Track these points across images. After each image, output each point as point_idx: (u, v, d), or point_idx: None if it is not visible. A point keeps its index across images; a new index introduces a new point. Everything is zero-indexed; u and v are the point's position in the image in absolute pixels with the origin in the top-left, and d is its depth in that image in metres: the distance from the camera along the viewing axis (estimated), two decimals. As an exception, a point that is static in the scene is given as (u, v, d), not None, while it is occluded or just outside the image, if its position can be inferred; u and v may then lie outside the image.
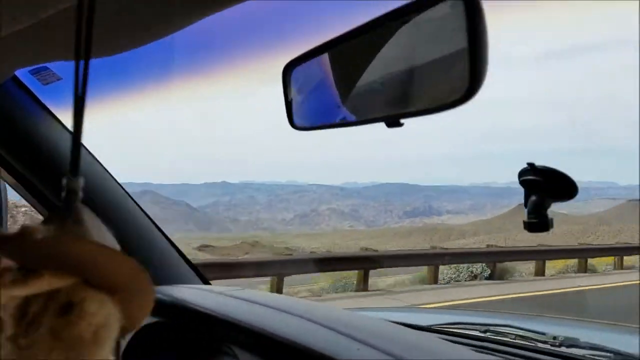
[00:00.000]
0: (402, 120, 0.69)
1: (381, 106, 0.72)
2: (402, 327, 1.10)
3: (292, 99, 0.89)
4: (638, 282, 10.83)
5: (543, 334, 1.35)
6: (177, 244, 1.62)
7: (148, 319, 1.18)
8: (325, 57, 0.80)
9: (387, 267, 10.69)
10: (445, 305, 8.62)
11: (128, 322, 0.36)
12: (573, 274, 13.22)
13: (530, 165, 1.02)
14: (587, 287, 11.15)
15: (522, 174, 1.04)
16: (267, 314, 1.11)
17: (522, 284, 12.04)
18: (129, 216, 1.47)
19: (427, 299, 9.23)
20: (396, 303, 9.24)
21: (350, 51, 0.75)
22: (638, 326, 2.71)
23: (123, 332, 0.36)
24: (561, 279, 12.16)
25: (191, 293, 1.34)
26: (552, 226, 1.02)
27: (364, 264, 9.88)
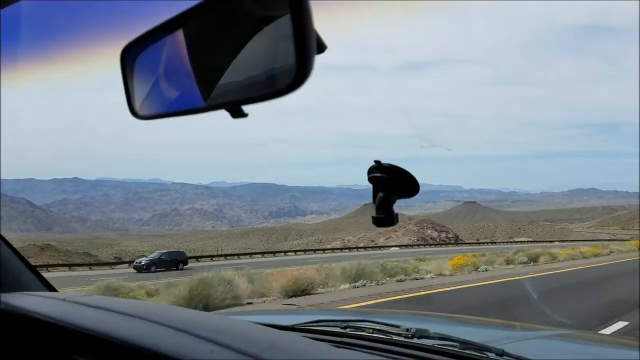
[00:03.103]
0: (246, 111, 0.68)
1: (219, 93, 0.71)
2: (264, 327, 1.11)
3: (132, 85, 0.85)
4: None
5: (397, 326, 1.46)
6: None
7: None
8: (165, 40, 0.77)
9: None
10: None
11: None
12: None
13: (377, 162, 1.06)
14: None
15: (370, 171, 1.07)
16: (116, 320, 1.06)
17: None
18: None
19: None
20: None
21: (187, 34, 0.74)
22: (485, 318, 3.26)
23: None
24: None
25: (34, 301, 1.24)
26: (397, 221, 1.06)
27: None
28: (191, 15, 0.72)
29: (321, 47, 0.66)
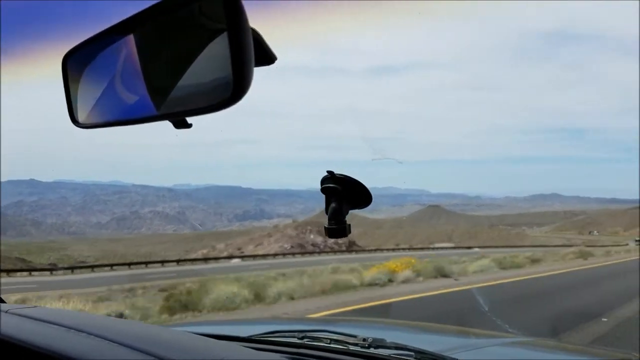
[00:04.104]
0: (189, 121, 0.69)
1: (160, 104, 0.70)
2: (209, 339, 1.09)
3: (74, 93, 0.83)
4: None
5: (355, 336, 1.46)
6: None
7: None
8: (107, 48, 0.76)
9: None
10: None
11: None
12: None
13: (330, 173, 1.07)
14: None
15: (322, 181, 1.08)
16: (58, 333, 1.03)
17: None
18: None
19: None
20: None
21: (130, 43, 0.73)
22: (442, 325, 3.29)
23: None
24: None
25: None
26: (349, 232, 1.07)
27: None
28: (135, 23, 0.71)
29: (270, 59, 0.66)
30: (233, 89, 0.61)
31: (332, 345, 1.42)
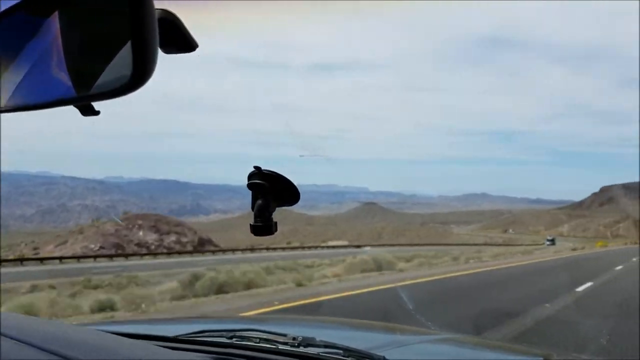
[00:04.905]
0: (97, 108, 0.66)
1: (61, 88, 0.66)
2: (124, 339, 1.05)
3: None
4: None
5: (285, 335, 1.44)
6: None
7: None
8: (8, 29, 0.71)
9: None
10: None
11: None
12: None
13: (257, 168, 1.04)
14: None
15: (249, 177, 1.05)
16: None
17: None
18: None
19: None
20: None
21: (31, 23, 0.69)
22: (372, 322, 3.23)
23: None
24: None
25: None
26: (276, 230, 1.04)
27: None
28: (37, 3, 0.67)
29: (190, 46, 0.65)
30: (134, 74, 0.58)
31: (261, 345, 1.41)
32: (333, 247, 58.99)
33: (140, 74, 0.59)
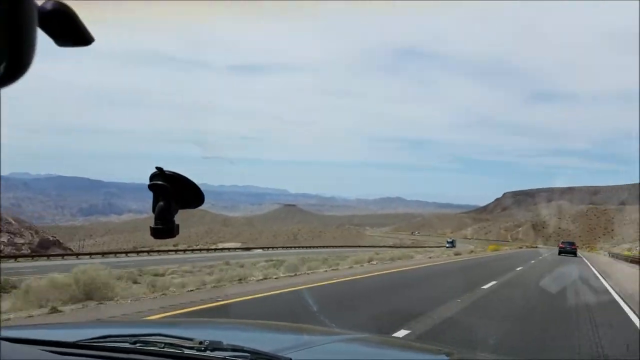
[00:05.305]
0: None
1: None
2: (5, 343, 0.99)
3: None
4: None
5: (191, 339, 1.41)
6: None
7: None
8: None
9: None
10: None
11: None
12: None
13: (159, 169, 1.01)
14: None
15: (151, 178, 1.02)
16: None
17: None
18: None
19: None
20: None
21: None
22: (281, 323, 3.19)
23: None
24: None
25: None
26: (177, 232, 1.01)
27: None
28: None
29: (85, 40, 0.64)
30: (9, 66, 0.55)
31: (166, 350, 1.37)
32: (222, 249, 53.36)
33: (16, 66, 0.55)
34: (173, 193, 1.00)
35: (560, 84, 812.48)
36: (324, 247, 69.41)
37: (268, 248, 57.63)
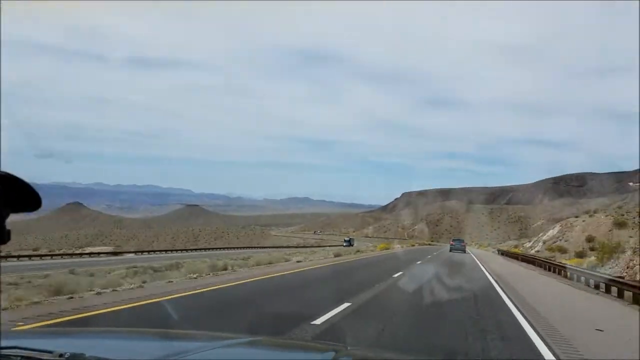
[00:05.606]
0: None
1: None
2: None
3: None
4: None
5: (50, 352, 1.31)
6: None
7: None
8: None
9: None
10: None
11: None
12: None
13: None
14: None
15: None
16: None
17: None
18: None
19: None
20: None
21: None
22: (161, 330, 3.09)
23: None
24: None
25: None
26: (9, 238, 0.95)
27: None
28: None
29: None
30: None
31: None
32: (89, 254, 45.37)
33: None
34: (4, 196, 0.93)
35: (457, 91, 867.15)
36: (223, 249, 66.95)
37: (150, 252, 50.82)
